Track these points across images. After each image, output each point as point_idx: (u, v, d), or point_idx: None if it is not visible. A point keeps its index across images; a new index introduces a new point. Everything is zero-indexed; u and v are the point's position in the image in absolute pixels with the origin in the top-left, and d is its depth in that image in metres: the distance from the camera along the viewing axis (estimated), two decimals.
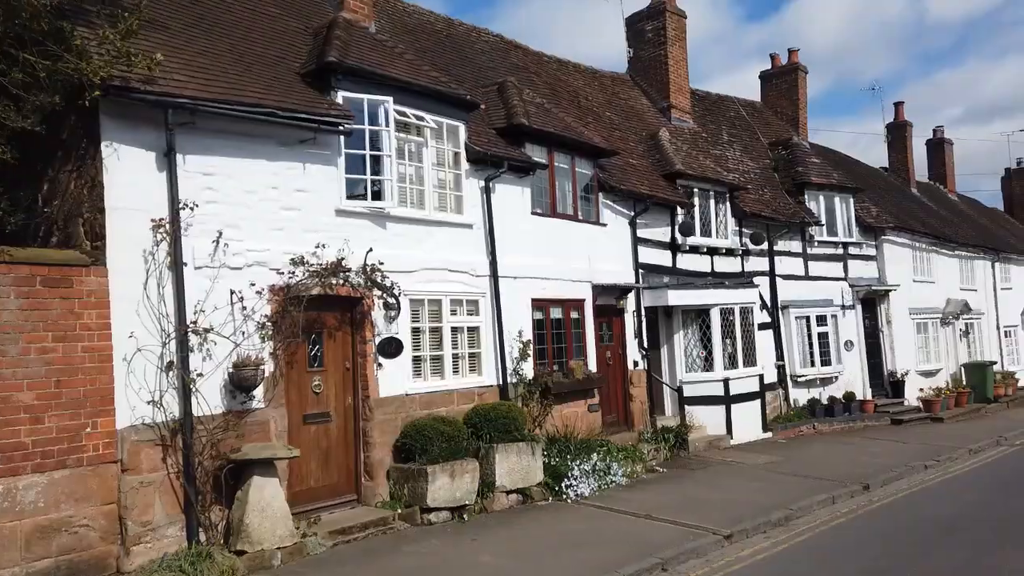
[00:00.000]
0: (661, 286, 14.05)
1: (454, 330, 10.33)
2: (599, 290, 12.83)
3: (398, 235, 9.63)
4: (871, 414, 18.10)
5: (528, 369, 11.21)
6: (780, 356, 17.27)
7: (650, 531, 8.50)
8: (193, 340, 7.42)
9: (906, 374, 19.49)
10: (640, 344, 13.83)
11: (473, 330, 10.60)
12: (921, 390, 19.81)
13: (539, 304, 11.77)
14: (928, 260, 22.22)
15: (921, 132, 33.36)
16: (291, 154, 8.54)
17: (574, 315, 12.49)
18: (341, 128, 8.78)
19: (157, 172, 7.43)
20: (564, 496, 9.88)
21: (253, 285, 7.93)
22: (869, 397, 18.76)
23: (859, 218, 19.60)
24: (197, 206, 7.55)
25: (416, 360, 9.81)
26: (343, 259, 8.72)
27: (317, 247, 8.58)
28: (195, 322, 7.41)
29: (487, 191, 10.84)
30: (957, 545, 8.02)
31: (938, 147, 33.54)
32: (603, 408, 12.83)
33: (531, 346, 11.31)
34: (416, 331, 9.83)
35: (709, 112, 20.46)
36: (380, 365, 9.22)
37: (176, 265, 7.37)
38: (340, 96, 9.07)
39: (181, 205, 7.42)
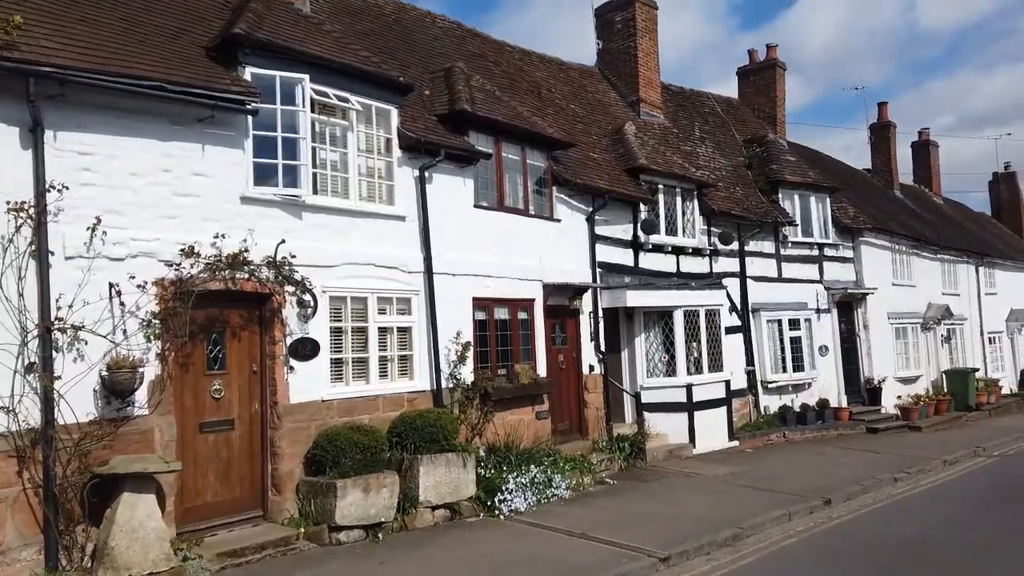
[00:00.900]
0: (620, 286, 13.29)
1: (382, 330, 9.53)
2: (551, 289, 12.06)
3: (317, 226, 8.84)
4: (845, 422, 17.38)
5: (467, 373, 10.42)
6: (750, 361, 16.54)
7: (581, 552, 7.72)
8: (60, 339, 6.61)
9: (883, 381, 18.79)
10: (597, 347, 13.06)
11: (404, 331, 9.81)
12: (899, 397, 19.11)
13: (482, 303, 10.99)
14: (908, 263, 21.56)
15: (912, 139, 32.57)
16: (188, 134, 7.74)
17: (522, 316, 11.71)
18: (247, 107, 7.98)
19: (21, 150, 6.62)
20: (497, 512, 9.09)
21: (133, 278, 7.11)
22: (844, 404, 18.04)
23: (836, 219, 18.91)
24: (68, 188, 6.74)
25: (336, 363, 9.01)
26: (246, 250, 7.92)
27: (216, 237, 7.77)
28: (61, 318, 6.59)
29: (422, 181, 10.06)
30: (917, 573, 7.27)
31: (923, 149, 32.97)
32: (553, 415, 12.04)
33: (471, 348, 10.52)
34: (337, 331, 9.03)
35: (682, 108, 19.75)
36: (292, 368, 8.41)
37: (40, 254, 6.56)
38: (248, 72, 8.28)
39: (47, 187, 6.61)
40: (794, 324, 17.30)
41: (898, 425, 18.06)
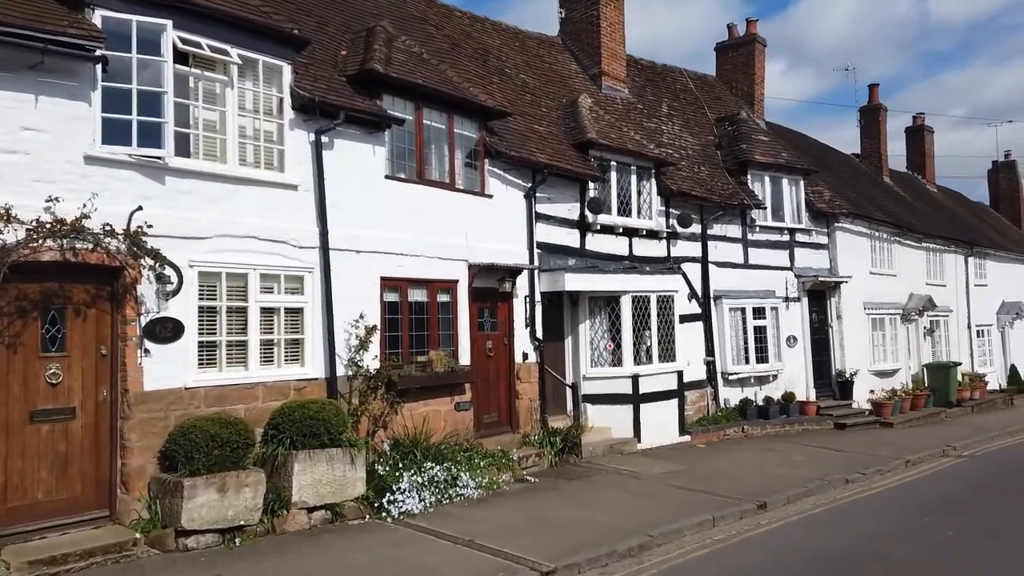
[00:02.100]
0: (558, 269, 12.33)
1: (267, 311, 8.61)
2: (478, 270, 11.11)
3: (183, 193, 7.89)
4: (812, 417, 16.44)
5: (371, 360, 9.50)
6: (710, 351, 15.60)
7: (456, 563, 6.83)
8: None
9: (855, 374, 17.82)
10: (532, 334, 12.12)
11: (295, 312, 8.89)
12: (872, 392, 18.13)
13: (393, 284, 10.06)
14: (889, 251, 20.51)
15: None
16: (16, 82, 6.79)
17: (443, 298, 10.78)
18: (93, 54, 7.03)
19: None
20: (386, 514, 8.20)
21: None
22: (812, 398, 17.09)
23: (810, 203, 17.87)
24: None
25: (207, 346, 8.09)
26: (86, 216, 6.98)
27: (51, 201, 6.85)
28: None
29: (318, 146, 9.08)
30: None
31: (917, 135, 31.84)
32: (478, 406, 11.14)
33: (377, 333, 9.60)
34: (209, 311, 8.11)
35: (651, 83, 18.68)
36: (147, 352, 7.50)
37: None
38: (99, 15, 7.31)
39: None
40: (759, 313, 16.33)
41: (869, 421, 17.12)
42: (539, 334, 12.23)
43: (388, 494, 8.28)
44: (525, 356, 11.97)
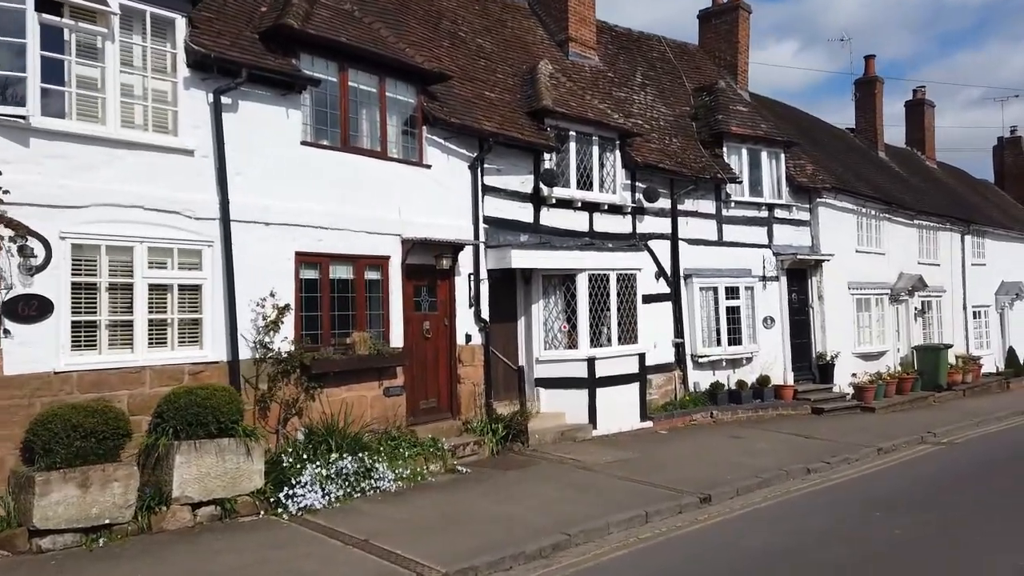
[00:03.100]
0: (504, 245, 11.54)
1: (157, 288, 7.88)
2: (413, 246, 10.34)
3: (53, 157, 7.15)
4: (788, 401, 15.67)
5: (283, 342, 8.78)
6: (679, 333, 14.81)
7: (334, 570, 6.14)
8: None
9: (836, 356, 16.99)
10: (477, 314, 11.37)
11: (193, 289, 8.16)
12: (854, 375, 17.33)
13: (312, 260, 9.31)
14: (878, 228, 19.57)
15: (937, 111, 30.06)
16: None
17: (372, 275, 10.03)
18: None
19: None
20: (283, 510, 7.52)
21: None
22: (790, 382, 16.29)
23: (791, 177, 16.96)
24: None
25: (86, 327, 7.39)
26: None
27: None
28: None
29: (217, 108, 8.28)
30: None
31: (917, 109, 30.64)
32: (414, 391, 10.43)
33: (290, 312, 8.87)
34: (87, 288, 7.40)
35: (625, 51, 17.72)
36: (7, 332, 6.81)
37: None
38: None
39: None
40: (732, 292, 15.50)
41: (849, 406, 16.35)
42: (485, 314, 11.47)
43: (286, 488, 7.60)
44: (468, 338, 11.22)
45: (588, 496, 8.58)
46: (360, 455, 8.39)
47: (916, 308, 20.85)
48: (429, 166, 10.77)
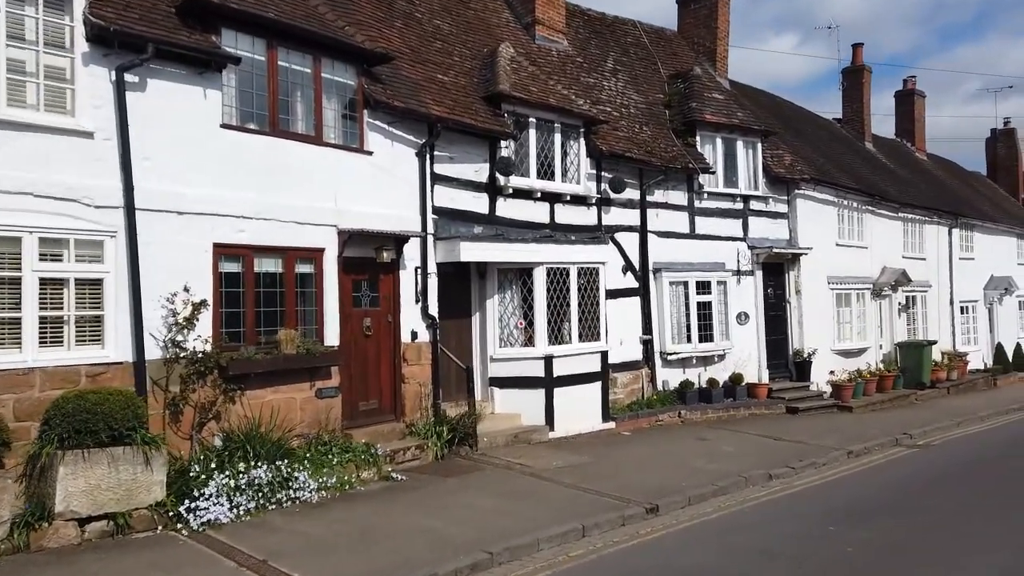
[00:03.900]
0: (453, 236, 10.90)
1: (52, 283, 7.24)
2: (350, 237, 9.70)
3: None
4: (762, 400, 15.09)
5: (199, 341, 8.15)
6: (648, 329, 14.20)
7: None
8: None
9: (813, 353, 16.39)
10: (425, 310, 10.74)
11: (92, 284, 7.52)
12: (832, 373, 16.74)
13: (233, 252, 8.66)
14: (860, 221, 18.96)
15: (933, 103, 29.56)
16: None
17: (304, 269, 9.39)
18: None
19: None
20: (183, 524, 6.91)
21: None
22: (765, 380, 15.71)
23: (768, 168, 16.32)
24: None
25: None
26: None
27: None
28: None
29: (119, 86, 7.62)
30: None
31: (907, 99, 29.99)
32: (350, 392, 9.81)
33: (208, 309, 8.23)
34: None
35: (598, 35, 17.05)
36: None
37: None
38: None
39: None
40: (703, 287, 14.89)
41: (826, 405, 15.78)
42: (433, 310, 10.85)
43: (188, 501, 6.99)
44: (414, 335, 10.60)
45: (526, 506, 7.99)
46: (278, 463, 7.78)
47: (900, 303, 20.27)
48: (371, 152, 10.12)
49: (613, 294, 13.51)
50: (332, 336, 9.53)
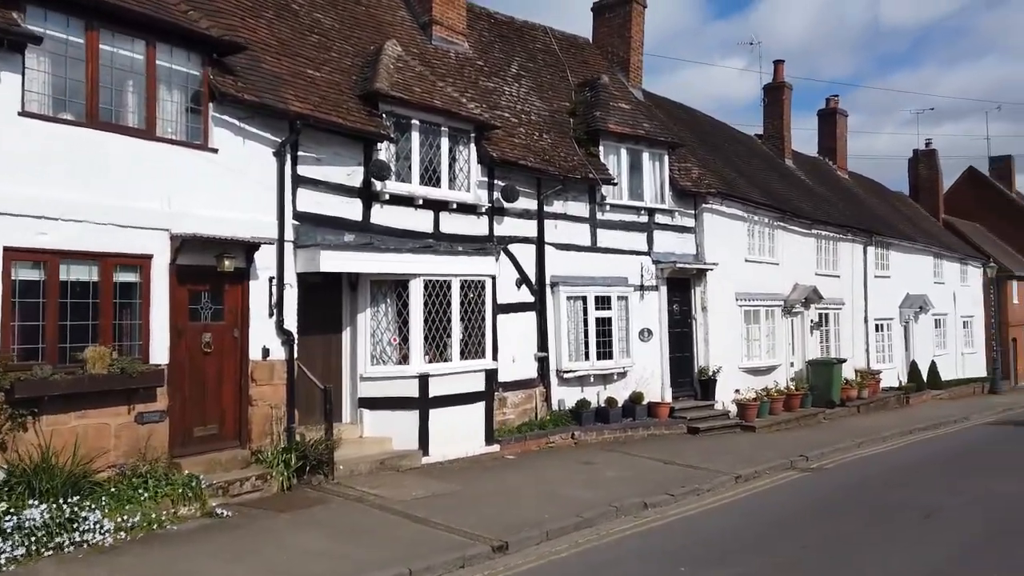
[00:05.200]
0: (313, 245, 10.01)
1: None
2: (184, 243, 8.72)
3: None
4: (663, 420, 14.56)
5: None
6: (544, 346, 13.52)
7: None
8: None
9: (718, 371, 15.98)
10: (280, 325, 9.79)
11: None
12: (737, 391, 16.36)
13: (31, 257, 7.60)
14: (772, 237, 18.75)
15: (871, 126, 30.14)
16: None
17: (125, 278, 8.37)
18: None
19: None
20: None
21: None
22: (668, 399, 15.21)
23: (675, 181, 15.92)
24: None
25: None
26: None
27: None
28: None
29: None
30: None
31: (829, 118, 30.46)
32: (182, 416, 8.78)
33: None
34: None
35: (503, 40, 16.44)
36: None
37: None
38: None
39: None
40: (603, 302, 14.31)
41: (729, 424, 15.36)
42: (291, 325, 9.91)
43: None
44: (266, 352, 9.64)
45: (356, 546, 7.13)
46: (60, 502, 6.73)
47: (812, 320, 20.13)
48: (216, 150, 9.18)
49: (506, 309, 12.81)
50: (160, 353, 8.52)
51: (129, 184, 8.33)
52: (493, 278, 12.21)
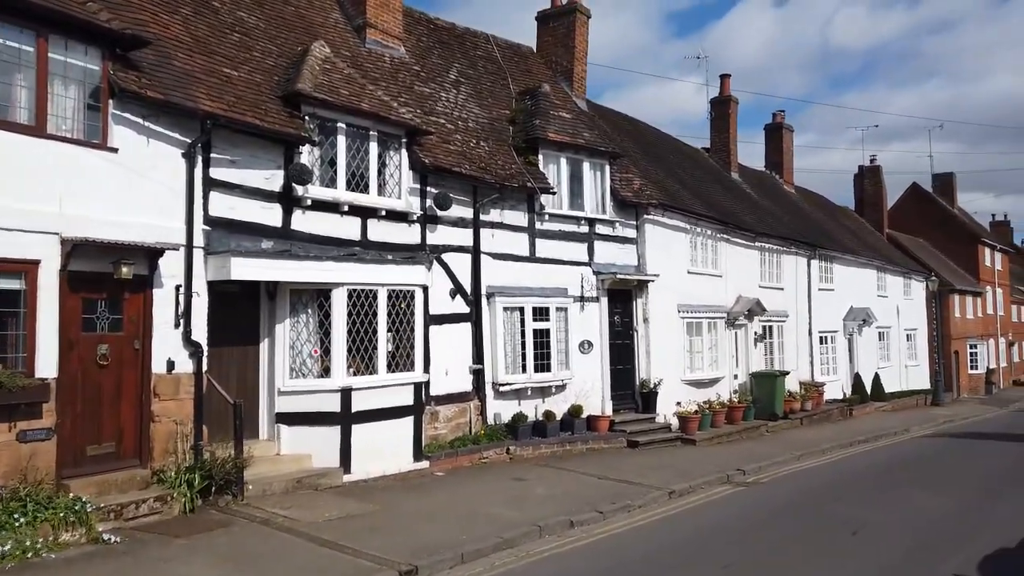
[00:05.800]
0: (223, 252, 9.47)
1: None
2: (79, 248, 8.12)
3: None
4: (603, 434, 14.26)
5: None
6: (479, 358, 13.12)
7: None
8: None
9: (659, 384, 15.77)
10: (187, 336, 9.20)
11: None
12: (679, 404, 16.18)
13: None
14: (715, 249, 18.71)
15: (824, 144, 30.68)
16: None
17: (7, 284, 7.73)
18: None
19: None
20: None
21: None
22: (608, 412, 14.92)
23: (616, 191, 15.74)
24: None
25: None
26: None
27: None
28: None
29: None
30: None
31: (776, 133, 30.84)
32: (73, 434, 8.13)
33: None
34: None
35: (444, 46, 16.12)
36: None
37: None
38: None
39: None
40: (542, 313, 13.99)
41: (670, 438, 15.13)
42: (200, 336, 9.33)
43: None
44: (171, 365, 9.04)
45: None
46: None
47: (756, 333, 20.14)
48: (115, 149, 8.61)
49: (439, 320, 12.39)
50: (48, 366, 7.88)
51: (12, 184, 7.72)
52: (425, 288, 11.79)
